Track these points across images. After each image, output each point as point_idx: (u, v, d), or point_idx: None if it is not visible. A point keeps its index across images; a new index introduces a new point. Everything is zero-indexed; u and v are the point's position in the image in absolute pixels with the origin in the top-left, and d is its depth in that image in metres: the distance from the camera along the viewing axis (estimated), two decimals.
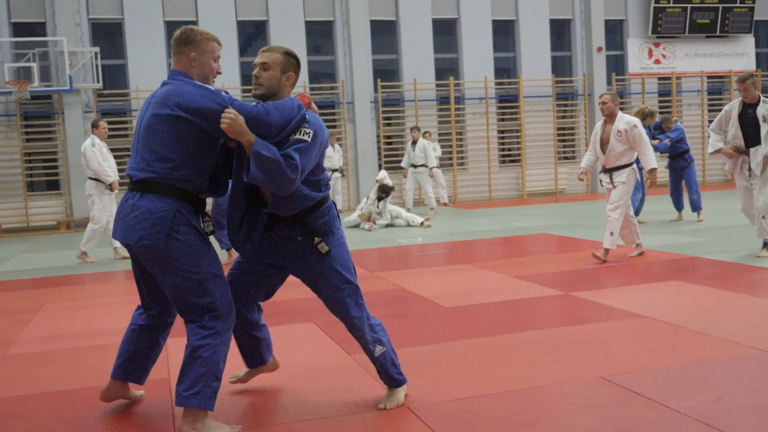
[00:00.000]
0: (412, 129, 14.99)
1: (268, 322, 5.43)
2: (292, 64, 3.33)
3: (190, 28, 3.33)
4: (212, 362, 3.13)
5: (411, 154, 14.53)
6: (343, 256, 3.44)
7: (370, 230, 11.71)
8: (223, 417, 3.47)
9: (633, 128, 7.20)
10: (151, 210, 3.10)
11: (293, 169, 3.07)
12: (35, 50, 14.58)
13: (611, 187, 7.41)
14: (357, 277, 3.53)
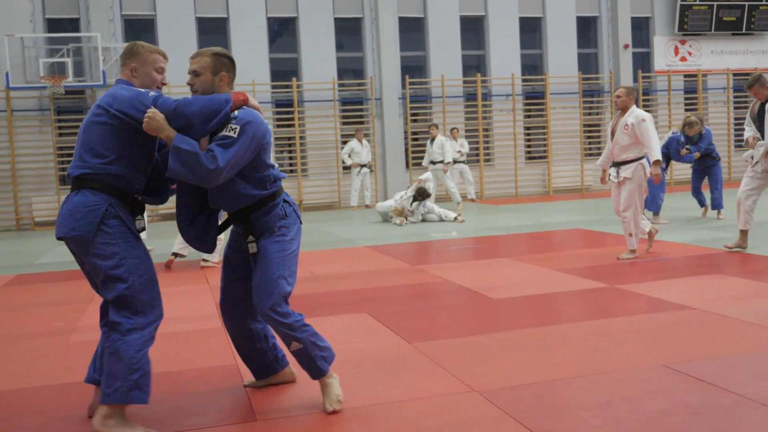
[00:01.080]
0: (431, 126, 15.12)
1: (320, 312, 5.61)
2: (223, 63, 3.39)
3: (136, 42, 3.49)
4: (128, 356, 3.13)
5: (429, 151, 14.73)
6: (280, 257, 3.36)
7: (401, 225, 11.82)
8: (288, 400, 3.59)
9: (641, 122, 7.12)
10: (84, 203, 3.21)
11: (211, 161, 3.13)
12: (69, 46, 14.80)
13: (617, 182, 7.37)
14: (293, 284, 3.41)
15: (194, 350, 4.66)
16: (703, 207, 10.95)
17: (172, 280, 7.40)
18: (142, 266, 3.27)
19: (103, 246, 3.18)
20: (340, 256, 8.71)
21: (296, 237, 3.46)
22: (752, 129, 7.46)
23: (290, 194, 15.77)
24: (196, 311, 5.86)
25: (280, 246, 3.37)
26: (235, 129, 3.21)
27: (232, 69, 3.45)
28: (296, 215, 3.51)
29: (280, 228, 3.39)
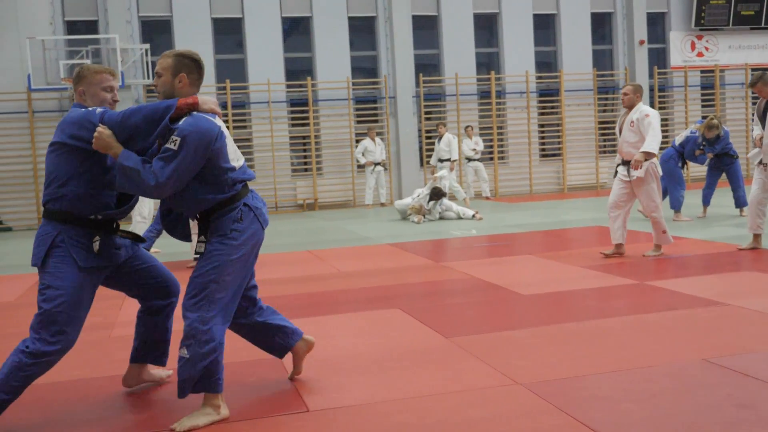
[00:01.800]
0: (438, 125, 15.21)
1: (352, 308, 5.68)
2: (184, 64, 3.39)
3: (81, 66, 3.58)
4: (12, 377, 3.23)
5: (437, 148, 14.88)
6: (221, 260, 3.30)
7: (419, 223, 11.87)
8: (338, 391, 3.66)
9: (644, 117, 7.06)
10: (39, 234, 3.37)
11: (152, 177, 3.16)
12: (88, 47, 14.93)
13: (628, 180, 7.28)
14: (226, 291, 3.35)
15: (232, 345, 4.71)
16: (705, 206, 10.76)
17: None
18: (74, 297, 3.30)
19: (45, 273, 3.32)
20: (362, 254, 8.77)
21: (246, 242, 3.35)
22: (759, 128, 7.45)
23: (305, 192, 16.09)
24: None
25: (225, 249, 3.31)
26: (175, 141, 3.18)
27: (194, 70, 3.44)
28: (258, 220, 3.41)
29: (232, 231, 3.33)
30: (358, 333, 4.93)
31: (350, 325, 5.14)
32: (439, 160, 14.88)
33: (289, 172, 16.64)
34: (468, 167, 16.18)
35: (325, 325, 5.19)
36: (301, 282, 6.99)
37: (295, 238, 10.99)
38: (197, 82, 3.46)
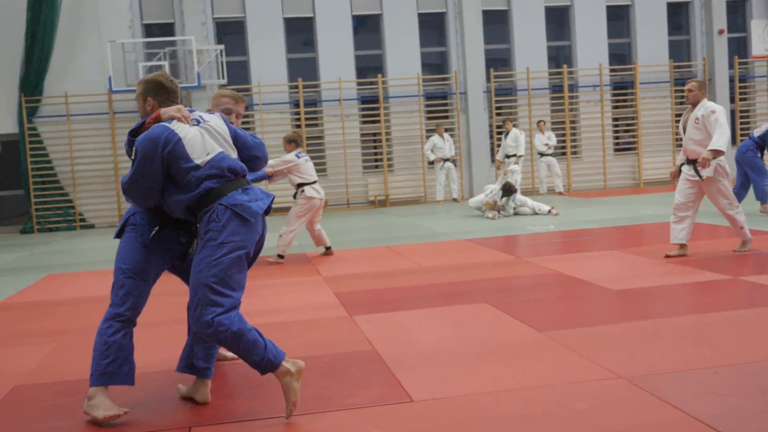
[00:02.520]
0: (505, 120, 15.09)
1: (441, 302, 5.70)
2: (149, 88, 3.60)
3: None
4: (99, 343, 3.50)
5: (504, 144, 14.80)
6: (204, 263, 3.31)
7: (494, 219, 11.81)
8: (442, 382, 3.69)
9: (710, 114, 6.82)
10: (124, 214, 3.79)
11: (123, 186, 3.47)
12: (166, 49, 15.37)
13: (694, 180, 7.02)
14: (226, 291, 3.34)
15: (329, 337, 4.82)
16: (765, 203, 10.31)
17: (285, 273, 7.63)
18: (127, 264, 3.57)
19: (119, 245, 3.68)
20: (441, 249, 8.78)
21: (228, 240, 3.29)
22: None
23: (376, 189, 16.19)
24: (316, 300, 6.04)
25: (207, 252, 3.30)
26: (134, 152, 3.42)
27: (160, 92, 3.60)
28: (239, 216, 3.34)
29: (208, 233, 3.33)
30: (450, 326, 4.95)
31: (441, 319, 5.17)
32: (506, 155, 14.82)
33: (360, 169, 16.77)
34: (541, 162, 16.02)
35: (417, 318, 5.23)
36: (385, 277, 7.05)
37: (370, 234, 11.09)
38: (167, 101, 3.62)
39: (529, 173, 16.88)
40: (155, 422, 3.38)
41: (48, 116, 15.74)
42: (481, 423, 3.17)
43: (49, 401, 3.80)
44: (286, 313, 5.60)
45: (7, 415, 3.62)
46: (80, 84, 15.63)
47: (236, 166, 3.49)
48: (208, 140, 3.49)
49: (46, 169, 15.72)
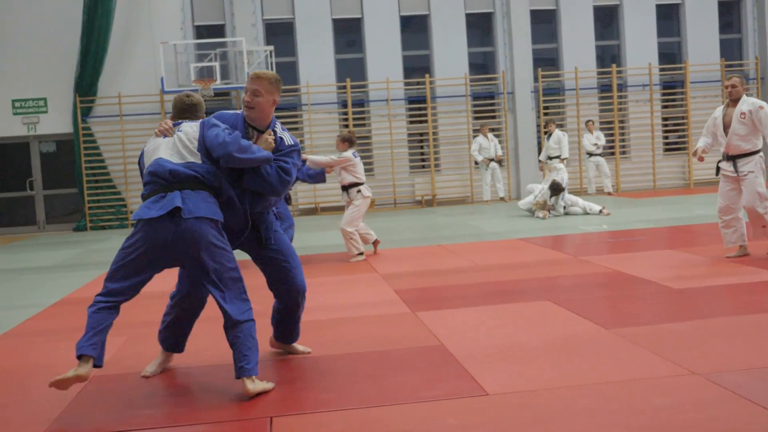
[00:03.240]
0: (548, 121, 14.96)
1: (503, 300, 5.72)
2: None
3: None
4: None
5: (546, 145, 14.67)
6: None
7: (544, 218, 11.76)
8: (516, 377, 3.72)
9: (759, 109, 6.68)
10: None
11: None
12: (216, 50, 15.61)
13: (735, 176, 6.88)
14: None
15: (395, 332, 4.88)
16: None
17: (344, 270, 7.72)
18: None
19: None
20: (495, 248, 8.79)
21: (132, 246, 3.67)
22: None
23: (423, 189, 16.20)
24: (377, 297, 6.11)
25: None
26: None
27: (174, 109, 4.02)
28: (143, 225, 3.64)
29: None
30: (514, 323, 4.98)
31: (504, 316, 5.19)
32: (548, 157, 14.69)
33: (407, 168, 16.83)
34: (589, 162, 15.90)
35: (479, 315, 5.27)
36: (442, 274, 7.09)
37: (422, 233, 11.14)
38: (177, 116, 4.00)
39: (577, 173, 16.76)
40: (236, 413, 3.47)
41: (101, 116, 16.11)
42: (558, 417, 3.20)
43: (132, 391, 3.92)
44: (349, 309, 5.68)
45: (95, 404, 3.76)
46: (133, 85, 15.96)
47: (177, 169, 3.69)
48: (162, 148, 3.78)
49: (99, 168, 16.09)
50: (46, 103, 15.99)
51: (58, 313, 6.24)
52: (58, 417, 3.54)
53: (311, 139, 16.14)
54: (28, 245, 13.04)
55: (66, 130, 16.07)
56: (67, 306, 6.52)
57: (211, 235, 3.64)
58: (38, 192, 16.35)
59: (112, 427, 3.36)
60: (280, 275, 4.05)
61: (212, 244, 3.63)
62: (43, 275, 8.82)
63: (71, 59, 15.63)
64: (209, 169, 3.73)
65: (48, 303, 6.65)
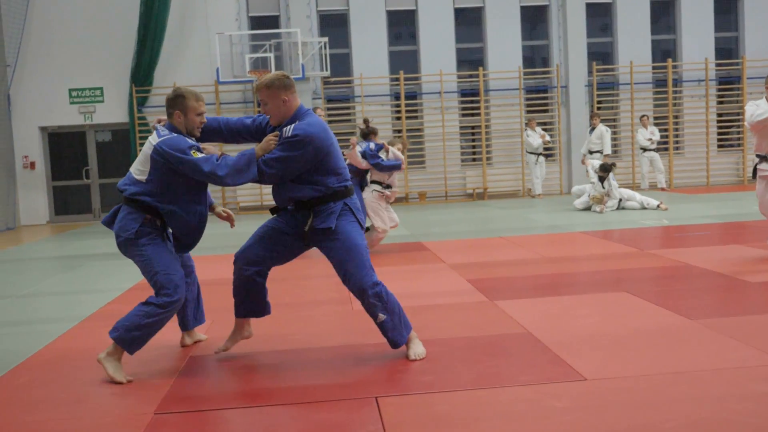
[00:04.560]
0: (592, 115, 14.78)
1: (581, 290, 5.74)
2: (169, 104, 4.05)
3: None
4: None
5: (588, 140, 14.52)
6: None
7: (602, 213, 11.70)
8: (615, 363, 3.75)
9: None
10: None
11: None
12: (271, 41, 15.78)
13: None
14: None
15: (479, 320, 4.93)
16: None
17: (409, 260, 7.78)
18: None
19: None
20: (558, 241, 8.78)
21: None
22: None
23: (474, 182, 16.22)
24: (451, 286, 6.16)
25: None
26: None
27: (179, 106, 4.06)
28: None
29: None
30: (597, 313, 4.99)
31: (585, 306, 5.21)
32: (589, 152, 14.53)
33: (459, 161, 16.83)
34: (643, 157, 15.74)
35: (559, 304, 5.30)
36: (511, 265, 7.12)
37: (479, 225, 11.16)
38: (180, 116, 4.09)
39: (630, 169, 16.61)
40: (341, 393, 3.56)
41: (157, 106, 16.37)
42: (663, 402, 3.23)
43: (230, 370, 4.04)
44: (427, 297, 5.74)
45: (199, 382, 3.88)
46: (188, 75, 16.20)
47: (120, 185, 4.02)
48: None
49: None
50: (102, 93, 16.32)
51: (137, 297, 6.39)
52: (167, 394, 3.67)
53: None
54: (88, 233, 13.35)
55: (122, 120, 16.39)
56: (143, 291, 6.66)
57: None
58: (94, 181, 16.71)
59: (224, 404, 3.47)
60: (337, 271, 4.00)
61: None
62: (113, 261, 9.03)
63: (128, 49, 15.94)
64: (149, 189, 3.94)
65: (125, 287, 6.83)
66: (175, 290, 3.87)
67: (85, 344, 4.66)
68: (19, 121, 16.03)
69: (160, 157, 3.82)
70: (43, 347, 4.68)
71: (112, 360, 3.83)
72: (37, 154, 16.29)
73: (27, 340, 4.89)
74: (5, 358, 4.46)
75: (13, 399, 3.70)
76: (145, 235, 3.90)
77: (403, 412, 3.25)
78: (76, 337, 4.94)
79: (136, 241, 3.89)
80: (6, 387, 3.91)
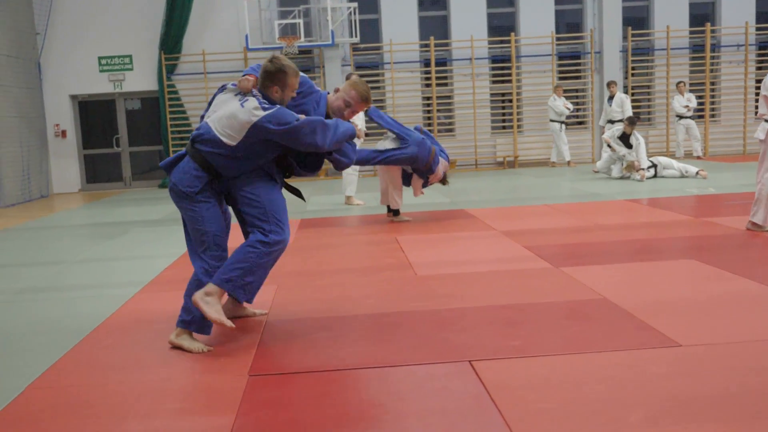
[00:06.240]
0: (609, 83, 14.49)
1: (640, 258, 5.65)
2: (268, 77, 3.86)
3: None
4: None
5: (608, 110, 14.20)
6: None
7: (642, 180, 11.51)
8: (701, 333, 3.67)
9: None
10: None
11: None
12: (300, 7, 15.57)
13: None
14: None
15: (551, 286, 4.86)
16: None
17: (458, 227, 7.70)
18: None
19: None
20: (606, 208, 8.65)
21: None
22: None
23: (505, 150, 16.06)
24: (511, 253, 6.09)
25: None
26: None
27: (275, 81, 3.92)
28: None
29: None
30: (670, 279, 4.91)
31: (656, 273, 5.11)
32: (609, 121, 14.22)
33: (489, 129, 16.65)
34: (679, 125, 15.49)
35: (627, 271, 5.22)
36: (566, 233, 7.01)
37: (518, 193, 11.05)
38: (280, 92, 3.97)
39: (664, 136, 16.37)
40: (431, 356, 3.51)
41: (186, 74, 16.29)
42: (763, 368, 3.14)
43: (308, 334, 4.00)
44: (491, 264, 5.67)
45: (282, 346, 3.84)
46: (217, 42, 16.07)
47: (196, 137, 3.90)
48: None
49: (184, 125, 16.31)
50: (131, 61, 16.22)
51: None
52: (255, 358, 3.63)
53: (393, 98, 16.07)
54: (121, 200, 13.36)
55: (151, 88, 16.30)
56: None
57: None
58: (124, 149, 16.70)
59: (317, 367, 3.43)
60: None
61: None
62: (157, 227, 9.03)
63: (157, 16, 15.81)
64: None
65: (176, 253, 6.80)
66: (224, 251, 3.87)
67: (156, 308, 4.64)
68: (50, 90, 16.00)
69: (261, 131, 3.71)
70: (116, 311, 4.67)
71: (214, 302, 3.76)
72: (68, 123, 16.27)
73: (98, 304, 4.88)
74: (82, 320, 4.45)
75: (101, 361, 3.68)
76: (204, 191, 3.84)
77: (501, 375, 3.19)
78: (145, 301, 4.92)
79: (195, 196, 3.82)
80: (91, 349, 3.90)
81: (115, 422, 2.90)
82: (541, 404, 2.86)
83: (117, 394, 3.21)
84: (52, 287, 5.72)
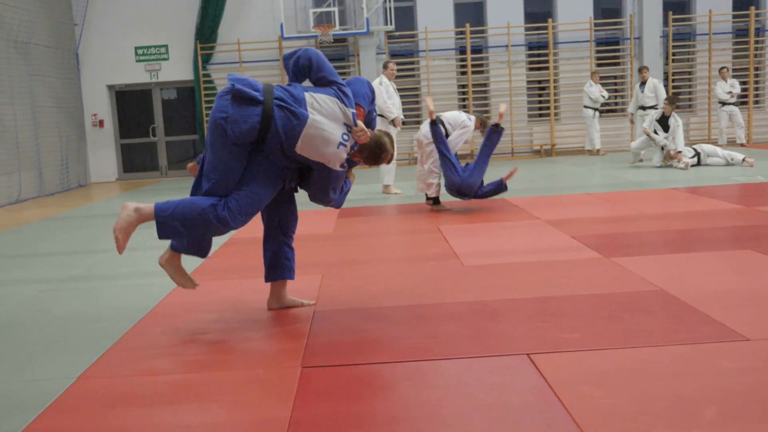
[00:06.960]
0: (641, 69, 14.09)
1: (696, 248, 5.48)
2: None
3: None
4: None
5: (639, 96, 13.78)
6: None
7: (686, 169, 11.25)
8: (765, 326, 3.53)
9: None
10: None
11: None
12: None
13: None
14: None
15: (601, 277, 4.72)
16: None
17: (501, 216, 7.57)
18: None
19: None
20: (652, 197, 8.44)
21: None
22: None
23: (541, 138, 15.84)
24: (558, 243, 5.95)
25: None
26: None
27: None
28: None
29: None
30: (728, 270, 4.75)
31: (713, 264, 4.93)
32: (641, 107, 13.81)
33: (526, 117, 16.42)
34: (722, 112, 15.11)
35: (685, 261, 5.05)
36: (612, 222, 6.86)
37: (558, 182, 10.86)
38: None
39: (706, 123, 16.01)
40: (488, 349, 3.42)
41: (221, 63, 16.30)
42: None
43: (358, 324, 3.92)
44: (536, 254, 5.55)
45: (332, 336, 3.77)
46: (252, 31, 16.06)
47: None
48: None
49: None
50: (167, 50, 16.28)
51: (232, 253, 6.32)
52: (306, 349, 3.57)
53: (429, 86, 15.91)
54: (158, 190, 13.41)
55: (187, 77, 16.35)
56: (236, 246, 6.60)
57: None
58: (160, 138, 16.78)
59: (369, 359, 3.35)
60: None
61: None
62: None
63: (192, 6, 15.83)
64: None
65: (221, 241, 6.76)
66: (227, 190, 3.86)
67: (202, 297, 4.60)
68: (87, 80, 16.13)
69: (324, 167, 3.90)
70: (162, 299, 4.64)
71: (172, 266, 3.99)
72: (105, 113, 16.40)
73: (144, 292, 4.86)
74: (129, 309, 4.42)
75: (150, 351, 3.64)
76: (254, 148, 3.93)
77: (562, 370, 3.08)
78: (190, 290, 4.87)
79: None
80: (140, 338, 3.86)
81: (170, 414, 2.85)
82: (608, 400, 2.75)
83: (168, 384, 3.17)
84: (98, 276, 5.72)
